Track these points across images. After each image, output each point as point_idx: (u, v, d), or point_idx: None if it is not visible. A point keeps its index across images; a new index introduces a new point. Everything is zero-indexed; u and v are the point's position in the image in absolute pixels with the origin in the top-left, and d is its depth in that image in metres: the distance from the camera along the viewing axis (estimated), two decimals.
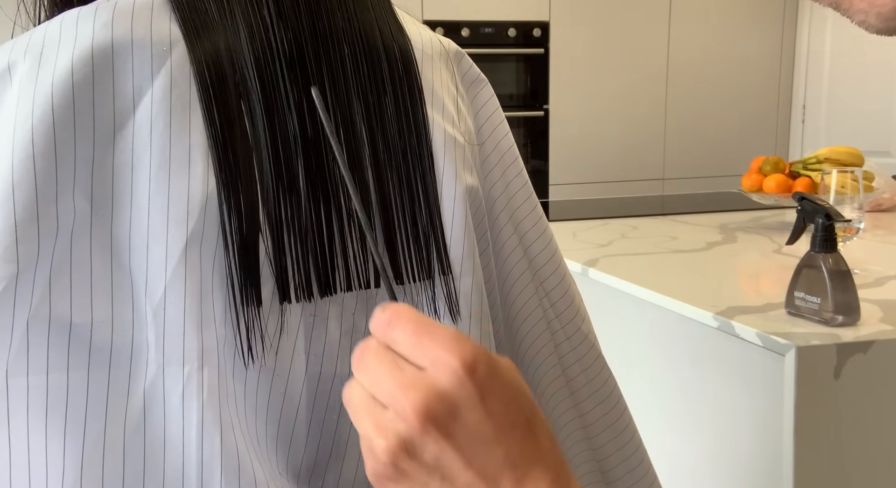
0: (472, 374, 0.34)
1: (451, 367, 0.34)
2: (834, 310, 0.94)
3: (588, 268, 1.36)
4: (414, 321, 0.35)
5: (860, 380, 0.91)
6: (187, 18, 0.44)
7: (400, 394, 0.34)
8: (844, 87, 3.57)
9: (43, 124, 0.39)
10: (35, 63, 0.41)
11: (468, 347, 0.35)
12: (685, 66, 3.72)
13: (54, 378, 0.38)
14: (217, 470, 0.39)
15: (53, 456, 0.37)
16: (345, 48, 0.47)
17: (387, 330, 0.36)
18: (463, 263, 0.48)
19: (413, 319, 0.36)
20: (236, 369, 0.41)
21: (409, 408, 0.33)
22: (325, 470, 0.45)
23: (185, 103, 0.42)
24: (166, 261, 0.40)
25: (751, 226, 1.75)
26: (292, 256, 0.43)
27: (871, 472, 0.94)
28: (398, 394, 0.34)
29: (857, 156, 1.67)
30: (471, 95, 0.55)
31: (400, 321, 0.36)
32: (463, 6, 3.39)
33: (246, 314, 0.41)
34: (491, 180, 0.54)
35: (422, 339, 0.35)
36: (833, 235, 0.95)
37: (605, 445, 0.59)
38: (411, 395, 0.34)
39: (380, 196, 0.46)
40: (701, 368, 1.10)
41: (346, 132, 0.46)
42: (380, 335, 0.36)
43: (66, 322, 0.39)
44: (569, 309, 0.58)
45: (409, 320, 0.35)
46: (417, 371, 0.35)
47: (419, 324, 0.35)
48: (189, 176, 0.41)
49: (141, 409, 0.39)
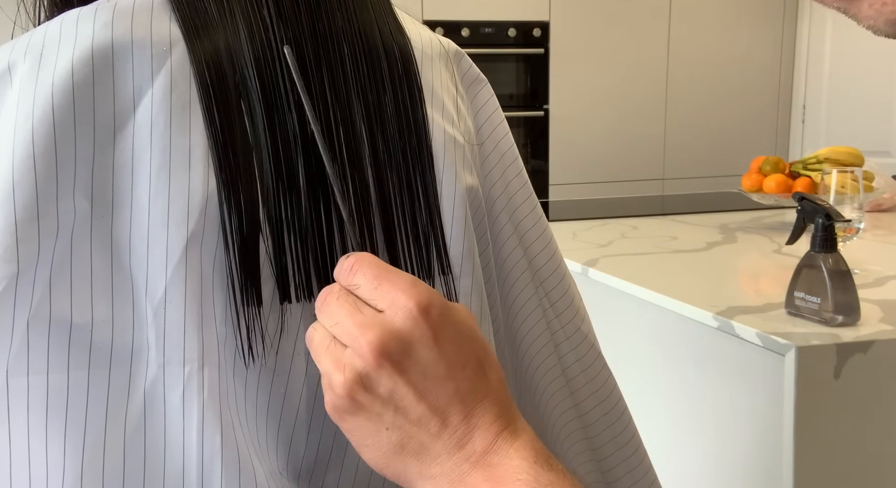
0: (426, 316, 0.37)
1: (406, 309, 0.37)
2: (834, 310, 0.94)
3: (588, 268, 1.36)
4: (375, 267, 0.39)
5: (860, 380, 0.91)
6: (187, 18, 0.44)
7: (358, 333, 0.37)
8: (844, 87, 3.57)
9: (43, 124, 0.39)
10: (35, 63, 0.41)
11: (423, 291, 0.38)
12: (685, 65, 3.72)
13: (55, 378, 0.38)
14: (217, 470, 0.39)
15: (54, 456, 0.37)
16: (345, 48, 0.47)
17: (349, 275, 0.39)
18: (463, 263, 0.48)
19: (374, 265, 0.39)
20: (237, 369, 0.41)
21: (365, 346, 0.37)
22: (325, 470, 0.45)
23: (185, 103, 0.42)
24: (167, 261, 0.40)
25: (751, 226, 1.75)
26: (292, 256, 0.43)
27: (872, 472, 0.94)
28: (356, 333, 0.37)
29: (857, 156, 1.67)
30: (470, 95, 0.55)
31: (362, 267, 0.39)
32: (463, 6, 3.40)
33: (246, 313, 0.41)
34: (491, 180, 0.54)
35: (381, 284, 0.38)
36: (833, 235, 0.95)
37: (605, 445, 0.59)
38: (368, 334, 0.37)
39: (379, 196, 0.46)
40: (701, 368, 1.10)
41: (345, 132, 0.46)
42: (343, 280, 0.40)
43: (66, 322, 0.39)
44: (568, 309, 0.58)
45: (370, 266, 0.39)
46: (376, 313, 0.38)
47: (379, 269, 0.39)
48: (189, 176, 0.41)
49: (141, 409, 0.39)
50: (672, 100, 3.74)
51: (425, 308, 0.37)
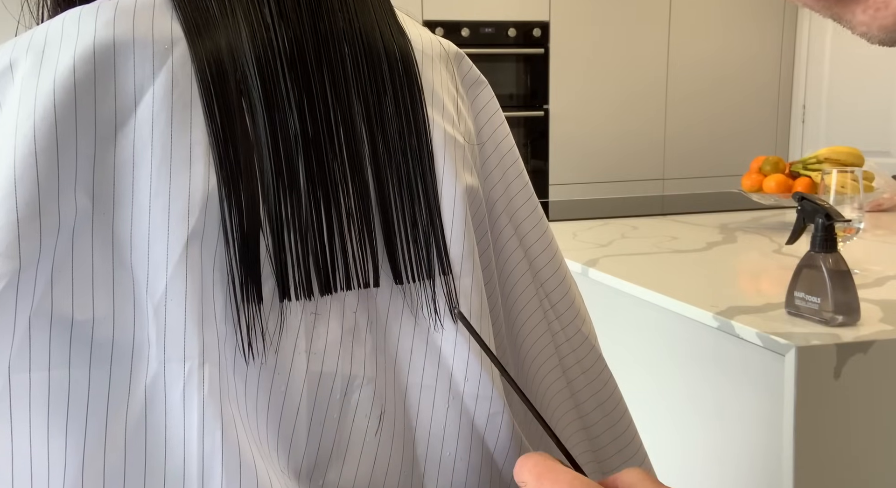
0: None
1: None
2: (834, 310, 0.94)
3: (588, 268, 1.36)
4: (540, 464, 0.41)
5: (860, 380, 0.91)
6: (189, 17, 0.44)
7: None
8: (844, 87, 3.57)
9: (45, 122, 0.39)
10: (37, 61, 0.41)
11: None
12: (685, 66, 3.72)
13: (56, 374, 0.38)
14: (218, 466, 0.39)
15: (55, 452, 0.38)
16: (345, 48, 0.47)
17: (519, 471, 0.42)
18: (463, 263, 0.48)
19: (539, 463, 0.41)
20: (237, 367, 0.41)
21: None
22: (325, 468, 0.45)
23: (186, 101, 0.42)
24: (167, 258, 0.40)
25: (751, 226, 1.75)
26: (292, 254, 0.43)
27: (872, 472, 0.94)
28: None
29: (857, 156, 1.67)
30: (471, 97, 0.55)
31: (526, 463, 0.41)
32: (463, 6, 3.40)
33: (246, 311, 0.41)
34: (491, 182, 0.54)
35: (543, 483, 0.40)
36: (833, 235, 0.95)
37: (606, 447, 0.59)
38: None
39: (379, 196, 0.47)
40: (701, 368, 1.10)
41: (346, 132, 0.46)
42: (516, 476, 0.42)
43: (67, 319, 0.39)
44: (569, 310, 0.58)
45: (535, 464, 0.41)
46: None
47: (543, 467, 0.41)
48: (190, 173, 0.41)
49: (142, 406, 0.39)
50: (672, 100, 3.74)
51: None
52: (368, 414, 0.46)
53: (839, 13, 0.29)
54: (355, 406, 0.45)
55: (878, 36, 0.28)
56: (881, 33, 0.28)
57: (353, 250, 0.45)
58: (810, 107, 3.77)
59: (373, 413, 0.46)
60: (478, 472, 0.48)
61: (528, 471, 0.41)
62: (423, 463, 0.47)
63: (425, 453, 0.47)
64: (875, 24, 0.28)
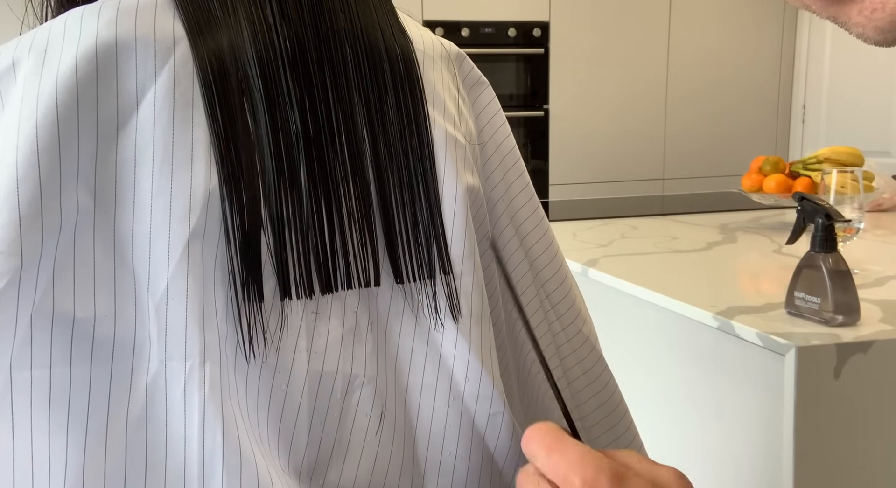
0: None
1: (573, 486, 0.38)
2: (834, 310, 0.94)
3: (588, 268, 1.36)
4: (549, 436, 0.41)
5: (860, 380, 0.91)
6: (191, 17, 0.44)
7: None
8: (844, 87, 3.57)
9: (47, 120, 0.39)
10: (39, 60, 0.41)
11: (590, 467, 0.38)
12: (685, 66, 3.72)
13: (57, 372, 0.38)
14: (218, 464, 0.39)
15: (56, 450, 0.38)
16: (347, 48, 0.47)
17: (526, 444, 0.42)
18: (464, 262, 0.48)
19: (548, 434, 0.41)
20: (238, 365, 0.42)
21: None
22: (326, 468, 0.45)
23: (187, 100, 0.42)
24: (169, 257, 0.40)
25: (751, 226, 1.75)
26: (293, 253, 0.43)
27: (872, 472, 0.94)
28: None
29: (857, 156, 1.68)
30: (472, 97, 0.55)
31: (534, 436, 0.41)
32: (463, 6, 3.40)
33: (247, 310, 0.42)
34: (492, 182, 0.54)
35: (552, 455, 0.40)
36: (833, 235, 0.95)
37: (606, 447, 0.59)
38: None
39: (380, 195, 0.47)
40: (701, 368, 1.10)
41: (347, 132, 0.46)
42: (525, 450, 0.42)
43: (69, 316, 0.39)
44: (570, 311, 0.58)
45: (543, 436, 0.41)
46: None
47: (552, 439, 0.41)
48: (191, 172, 0.41)
49: (143, 404, 0.39)
50: (672, 100, 3.74)
51: (591, 484, 0.38)
52: (369, 413, 0.46)
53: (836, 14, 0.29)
54: (356, 405, 0.45)
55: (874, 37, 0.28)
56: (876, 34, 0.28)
57: (354, 249, 0.45)
58: (810, 107, 3.77)
59: (373, 412, 0.46)
60: (478, 472, 0.48)
61: (538, 444, 0.41)
62: (424, 462, 0.47)
63: (425, 453, 0.47)
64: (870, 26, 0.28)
